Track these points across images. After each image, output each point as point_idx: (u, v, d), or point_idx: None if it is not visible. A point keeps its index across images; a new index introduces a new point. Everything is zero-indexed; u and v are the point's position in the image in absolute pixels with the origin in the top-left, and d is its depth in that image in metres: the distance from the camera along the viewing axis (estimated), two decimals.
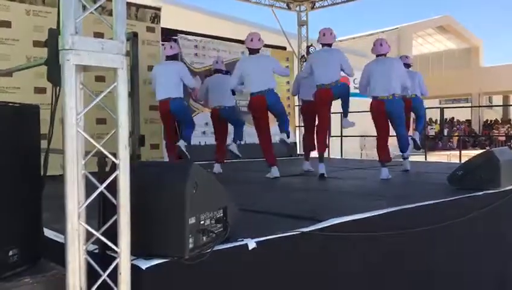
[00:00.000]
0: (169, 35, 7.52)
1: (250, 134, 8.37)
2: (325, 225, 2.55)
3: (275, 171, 5.44)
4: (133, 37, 3.07)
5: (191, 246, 1.85)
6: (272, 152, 5.57)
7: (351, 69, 5.52)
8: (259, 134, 5.62)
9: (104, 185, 1.68)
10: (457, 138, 22.37)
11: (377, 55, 5.59)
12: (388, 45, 5.77)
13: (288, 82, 8.78)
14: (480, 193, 3.75)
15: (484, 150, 5.61)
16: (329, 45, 5.64)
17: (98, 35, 4.81)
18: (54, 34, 1.61)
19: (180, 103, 6.16)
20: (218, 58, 6.77)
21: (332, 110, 5.76)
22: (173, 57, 6.21)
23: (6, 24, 5.60)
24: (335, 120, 6.57)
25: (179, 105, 6.14)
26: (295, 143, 9.68)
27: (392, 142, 5.75)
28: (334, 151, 9.45)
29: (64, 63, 1.56)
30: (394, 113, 5.35)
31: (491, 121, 27.94)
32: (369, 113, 5.79)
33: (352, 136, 6.49)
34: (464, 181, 3.97)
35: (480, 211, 3.57)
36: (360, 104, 6.42)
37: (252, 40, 5.61)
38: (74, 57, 1.56)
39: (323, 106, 5.55)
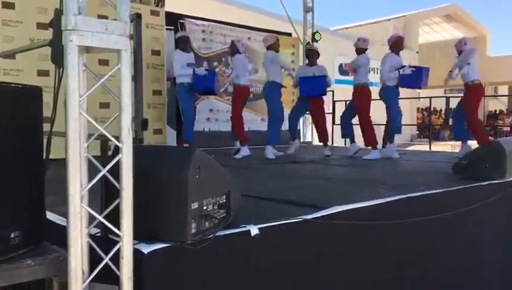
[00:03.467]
0: (174, 19, 7.46)
1: (254, 121, 8.37)
2: (328, 213, 2.54)
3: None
4: (136, 19, 3.03)
5: (193, 231, 1.84)
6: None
7: None
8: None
9: (107, 168, 1.67)
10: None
11: None
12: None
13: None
14: (485, 183, 3.73)
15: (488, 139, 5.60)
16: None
17: (102, 18, 4.76)
18: (60, 15, 1.59)
19: (177, 87, 6.49)
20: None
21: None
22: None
23: (10, 5, 5.56)
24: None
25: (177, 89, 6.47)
26: (299, 130, 9.66)
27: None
28: (338, 139, 9.43)
29: (67, 44, 1.54)
30: None
31: (495, 111, 27.77)
32: (376, 101, 6.04)
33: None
34: (469, 171, 3.94)
35: (484, 201, 3.55)
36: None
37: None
38: (77, 37, 1.53)
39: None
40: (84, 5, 1.60)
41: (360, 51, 6.36)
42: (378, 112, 6.57)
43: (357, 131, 6.48)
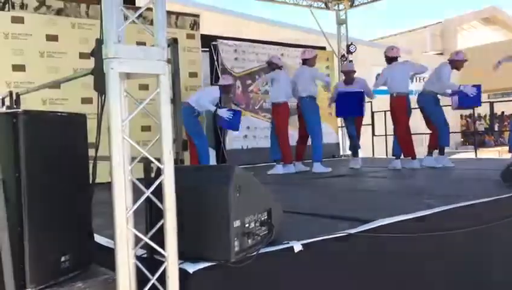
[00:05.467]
0: (208, 41, 7.61)
1: (291, 136, 8.36)
2: (373, 226, 2.49)
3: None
4: (173, 43, 3.12)
5: (236, 249, 1.84)
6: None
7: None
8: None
9: (151, 190, 1.71)
10: (508, 132, 21.46)
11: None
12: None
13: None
14: None
15: None
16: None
17: (140, 44, 4.91)
18: (101, 44, 1.65)
19: (184, 108, 5.91)
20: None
21: None
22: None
23: (54, 38, 5.84)
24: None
25: (183, 110, 6.13)
26: (337, 144, 9.57)
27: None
28: (379, 151, 9.30)
29: (108, 72, 1.59)
30: None
31: None
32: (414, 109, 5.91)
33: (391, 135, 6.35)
34: None
35: None
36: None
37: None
38: (118, 65, 1.59)
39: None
40: (123, 33, 1.67)
41: (392, 59, 6.24)
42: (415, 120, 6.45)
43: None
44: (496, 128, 21.59)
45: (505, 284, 3.23)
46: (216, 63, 7.67)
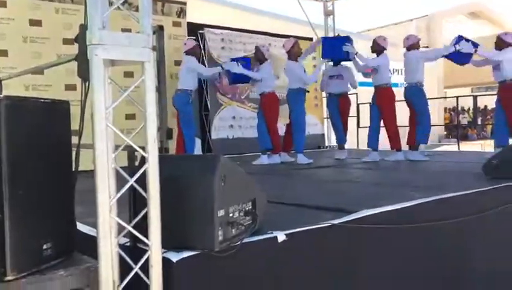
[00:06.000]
0: (195, 29, 7.54)
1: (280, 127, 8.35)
2: (356, 217, 2.51)
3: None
4: (159, 30, 3.09)
5: (220, 238, 1.85)
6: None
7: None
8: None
9: (134, 178, 1.70)
10: (490, 126, 21.78)
11: None
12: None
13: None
14: None
15: None
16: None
17: (125, 31, 4.86)
18: (85, 30, 1.63)
19: (179, 95, 6.12)
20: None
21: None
22: (187, 53, 6.24)
23: (38, 23, 5.73)
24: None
25: (179, 98, 6.12)
26: (323, 135, 9.61)
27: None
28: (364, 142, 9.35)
29: (92, 58, 1.57)
30: None
31: None
32: (400, 102, 5.94)
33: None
34: (500, 170, 3.84)
35: None
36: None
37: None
38: (102, 51, 1.57)
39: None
40: (108, 19, 1.64)
41: (380, 50, 6.25)
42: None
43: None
44: (479, 122, 21.88)
45: (484, 276, 3.29)
46: (202, 51, 7.60)
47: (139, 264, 1.69)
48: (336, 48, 6.45)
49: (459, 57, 6.11)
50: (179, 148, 6.12)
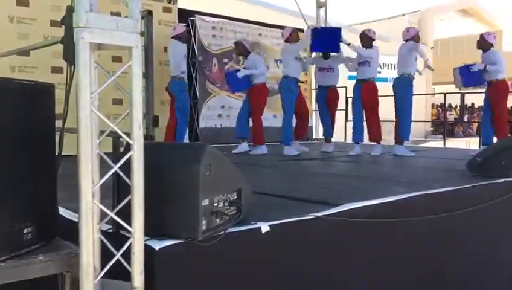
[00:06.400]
0: (186, 16, 7.47)
1: (266, 117, 8.35)
2: (340, 210, 2.52)
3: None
4: (147, 16, 3.05)
5: (204, 228, 1.84)
6: None
7: None
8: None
9: (118, 165, 1.68)
10: (477, 124, 22.01)
11: None
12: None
13: None
14: (500, 181, 3.67)
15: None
16: None
17: (115, 15, 4.78)
18: (72, 12, 1.59)
19: (176, 82, 6.14)
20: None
21: None
22: (174, 37, 6.24)
23: (24, 3, 5.63)
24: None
25: (175, 84, 6.15)
26: (311, 127, 9.62)
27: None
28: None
29: (78, 41, 1.54)
30: None
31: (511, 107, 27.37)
32: (386, 97, 5.97)
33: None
34: (484, 168, 3.89)
35: (499, 199, 3.50)
36: (379, 88, 6.34)
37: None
38: (88, 34, 1.54)
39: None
40: (96, 2, 1.61)
41: (370, 43, 6.24)
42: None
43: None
44: (466, 119, 22.09)
45: (464, 271, 3.34)
46: (193, 39, 7.54)
47: (121, 251, 1.68)
48: (326, 40, 6.39)
49: (470, 78, 6.16)
50: (168, 136, 6.11)
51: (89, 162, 1.58)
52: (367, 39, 6.24)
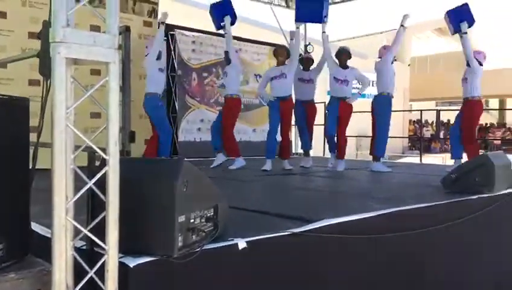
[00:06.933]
0: (166, 30, 7.46)
1: (246, 132, 8.37)
2: (316, 226, 2.53)
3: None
4: (125, 31, 3.05)
5: (180, 244, 1.83)
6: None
7: None
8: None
9: (93, 181, 1.66)
10: None
11: None
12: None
13: None
14: (474, 197, 3.74)
15: (479, 154, 5.62)
16: None
17: (95, 28, 4.77)
18: (48, 27, 1.58)
19: (148, 99, 6.02)
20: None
21: None
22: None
23: (2, 15, 5.57)
24: None
25: (148, 102, 6.03)
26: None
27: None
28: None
29: (54, 56, 1.53)
30: None
31: (486, 124, 28.00)
32: (367, 113, 6.02)
33: (349, 137, 6.45)
34: (458, 184, 3.96)
35: (473, 215, 3.56)
36: (358, 104, 6.41)
37: None
38: (65, 50, 1.53)
39: None
40: (73, 17, 1.61)
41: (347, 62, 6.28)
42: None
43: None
44: (442, 136, 22.49)
45: (439, 287, 3.37)
46: (173, 53, 7.55)
47: (95, 268, 1.66)
48: (310, 10, 6.14)
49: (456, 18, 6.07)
50: (149, 147, 6.06)
51: (63, 178, 1.56)
52: (347, 57, 6.26)
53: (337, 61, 6.27)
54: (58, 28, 1.52)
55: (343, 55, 6.26)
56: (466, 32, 6.04)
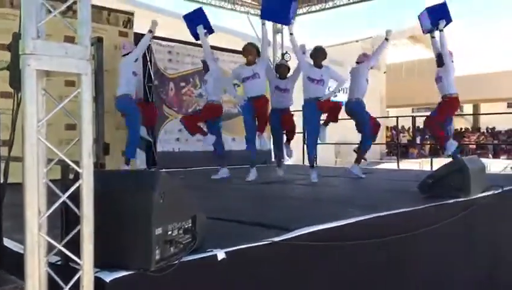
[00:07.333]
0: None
1: (226, 141, 8.34)
2: (296, 234, 2.53)
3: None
4: (97, 42, 3.01)
5: (157, 257, 1.80)
6: None
7: None
8: None
9: (67, 194, 1.62)
10: (429, 145, 22.76)
11: None
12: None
13: None
14: (451, 201, 3.79)
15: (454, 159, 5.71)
16: None
17: (69, 39, 4.70)
18: (18, 38, 1.55)
19: (119, 100, 6.07)
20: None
21: None
22: (125, 55, 6.23)
23: None
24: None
25: (120, 102, 6.07)
26: (269, 150, 9.67)
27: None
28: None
29: (24, 68, 1.50)
30: None
31: (461, 129, 28.54)
32: (345, 120, 6.09)
33: (328, 144, 6.45)
34: (434, 189, 4.01)
35: (450, 219, 3.61)
36: None
37: None
38: (35, 62, 1.50)
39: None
40: (44, 28, 1.58)
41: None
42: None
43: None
44: (418, 141, 22.80)
45: None
46: (149, 63, 7.49)
47: (70, 284, 1.62)
48: (276, 8, 5.79)
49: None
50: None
51: (35, 192, 1.53)
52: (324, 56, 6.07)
53: (311, 61, 6.00)
54: (28, 39, 1.49)
55: (321, 54, 5.99)
56: (443, 30, 6.16)
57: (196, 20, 6.32)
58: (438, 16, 6.19)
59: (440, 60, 6.22)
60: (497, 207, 4.36)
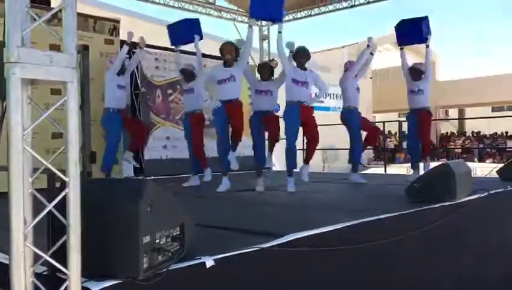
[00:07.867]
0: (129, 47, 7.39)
1: (213, 147, 8.31)
2: (284, 240, 2.53)
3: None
4: (83, 50, 3.00)
5: (145, 266, 1.79)
6: None
7: None
8: None
9: (53, 204, 1.61)
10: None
11: None
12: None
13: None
14: (437, 205, 3.82)
15: (440, 163, 5.77)
16: None
17: (55, 47, 4.66)
18: (2, 47, 1.54)
19: (104, 113, 6.13)
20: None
21: None
22: None
23: None
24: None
25: (104, 116, 6.13)
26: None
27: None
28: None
29: (9, 77, 1.49)
30: None
31: (447, 133, 28.85)
32: (332, 126, 6.12)
33: (317, 149, 6.42)
34: (421, 194, 4.03)
35: (436, 223, 3.64)
36: (323, 117, 6.51)
37: None
38: (20, 70, 1.49)
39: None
40: (29, 36, 1.57)
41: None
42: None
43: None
44: (405, 146, 23.01)
45: None
46: (136, 70, 7.47)
47: None
48: (268, 4, 5.47)
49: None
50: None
51: (21, 202, 1.51)
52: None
53: (294, 63, 5.65)
54: (13, 48, 1.48)
55: (303, 55, 5.65)
56: (429, 46, 6.41)
57: (193, 29, 6.40)
58: (426, 31, 6.37)
59: (419, 74, 6.34)
60: (483, 211, 4.41)
